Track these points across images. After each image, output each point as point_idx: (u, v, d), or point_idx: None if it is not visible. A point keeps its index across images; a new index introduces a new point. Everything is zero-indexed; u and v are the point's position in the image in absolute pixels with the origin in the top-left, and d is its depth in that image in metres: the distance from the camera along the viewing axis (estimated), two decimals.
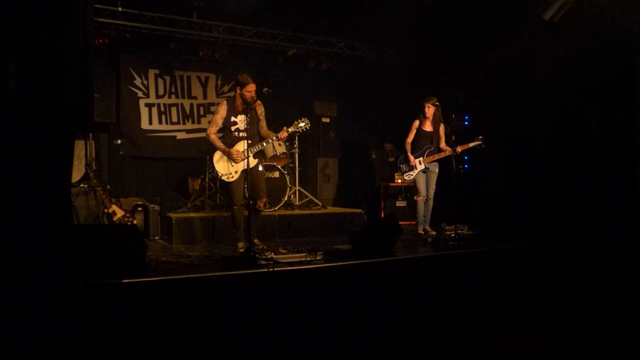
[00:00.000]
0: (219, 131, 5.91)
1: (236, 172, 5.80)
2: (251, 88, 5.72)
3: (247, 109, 5.80)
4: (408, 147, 7.21)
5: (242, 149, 5.76)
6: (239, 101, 5.83)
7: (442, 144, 7.22)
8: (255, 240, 5.95)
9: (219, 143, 5.84)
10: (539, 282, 5.34)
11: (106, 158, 8.46)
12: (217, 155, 5.89)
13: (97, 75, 7.52)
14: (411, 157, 7.11)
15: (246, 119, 5.83)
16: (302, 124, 5.88)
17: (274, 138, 5.87)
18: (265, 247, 5.74)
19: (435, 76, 9.33)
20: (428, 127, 7.21)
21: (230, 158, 5.79)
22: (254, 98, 5.77)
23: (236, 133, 5.82)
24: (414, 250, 6.11)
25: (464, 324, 4.51)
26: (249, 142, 5.72)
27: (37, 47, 2.52)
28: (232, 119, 5.83)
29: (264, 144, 5.91)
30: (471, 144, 7.03)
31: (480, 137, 7.08)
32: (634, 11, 6.31)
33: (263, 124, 6.02)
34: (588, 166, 6.92)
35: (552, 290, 5.17)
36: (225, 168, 5.83)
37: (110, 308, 3.76)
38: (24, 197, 2.34)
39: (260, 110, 6.00)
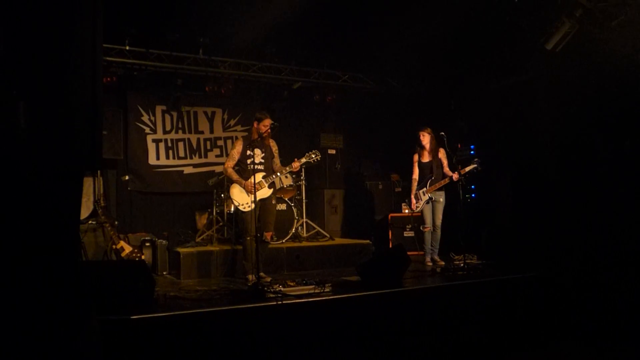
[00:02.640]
0: (235, 165, 6.16)
1: (253, 201, 5.88)
2: (267, 122, 6.08)
3: (263, 144, 6.12)
4: (413, 184, 7.25)
5: (256, 181, 5.92)
6: (255, 135, 6.13)
7: (447, 169, 7.20)
8: (262, 274, 5.95)
9: (235, 176, 6.09)
10: (549, 312, 5.28)
11: (114, 194, 8.53)
12: (235, 186, 6.10)
13: (105, 112, 7.64)
14: (413, 200, 7.18)
15: (261, 153, 6.12)
16: (313, 156, 6.14)
17: (287, 169, 6.15)
18: (271, 279, 5.73)
19: (439, 106, 9.41)
20: (426, 157, 7.24)
21: (245, 189, 5.96)
22: (269, 132, 6.05)
23: (252, 166, 5.97)
24: (423, 280, 6.07)
25: (474, 354, 4.46)
26: (263, 173, 6.05)
27: (47, 87, 2.58)
28: (248, 152, 6.04)
29: (278, 175, 6.15)
30: (467, 168, 7.01)
31: (476, 159, 7.07)
32: (632, 41, 6.38)
33: (277, 160, 6.31)
34: (596, 194, 6.91)
35: (561, 321, 5.11)
36: (242, 198, 6.00)
37: (119, 344, 3.75)
38: (34, 236, 2.37)
39: (275, 147, 6.32)
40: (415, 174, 7.27)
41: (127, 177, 8.49)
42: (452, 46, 8.04)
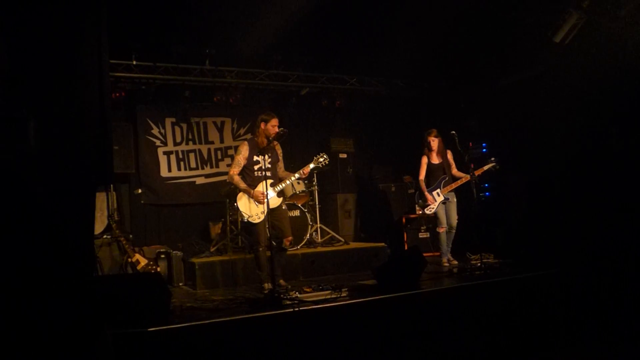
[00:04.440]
0: (240, 172, 5.95)
1: (262, 212, 5.75)
2: (275, 122, 5.84)
3: (269, 147, 5.86)
4: (422, 184, 7.24)
5: (264, 190, 5.74)
6: (262, 138, 5.85)
7: (454, 171, 7.23)
8: (281, 281, 5.93)
9: (242, 184, 5.85)
10: (568, 311, 5.23)
11: (128, 208, 8.59)
12: (242, 196, 5.91)
13: (115, 127, 7.72)
14: (428, 196, 7.14)
15: (269, 158, 5.86)
16: (321, 159, 5.99)
17: (296, 176, 5.94)
18: (290, 286, 5.72)
19: (449, 105, 9.38)
20: (435, 159, 7.25)
21: (254, 199, 5.80)
22: (278, 133, 5.81)
23: (259, 172, 5.83)
24: (440, 281, 6.04)
25: (494, 356, 4.43)
26: (271, 181, 5.79)
27: (56, 106, 2.63)
28: (255, 158, 5.86)
29: (287, 182, 5.96)
30: (485, 167, 7.00)
31: (493, 158, 7.06)
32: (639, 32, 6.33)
33: (281, 164, 6.11)
34: (612, 190, 6.83)
35: (581, 319, 5.06)
36: (251, 209, 5.83)
37: (137, 357, 3.78)
38: (49, 252, 2.40)
39: (280, 151, 6.11)
40: (422, 175, 7.26)
41: (139, 191, 8.56)
42: (459, 44, 8.02)
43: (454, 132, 6.99)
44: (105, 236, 7.61)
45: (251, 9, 6.84)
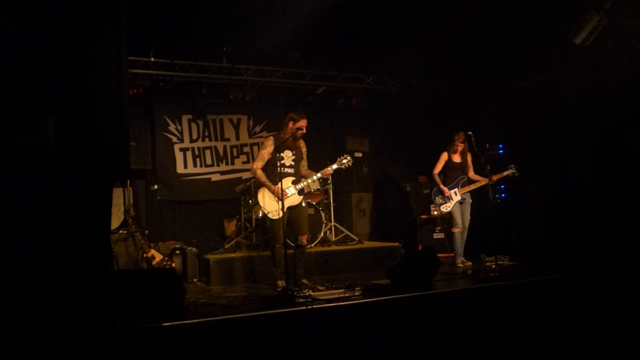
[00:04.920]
0: (263, 167, 6.00)
1: (281, 209, 5.81)
2: (304, 123, 5.92)
3: (294, 145, 5.95)
4: (438, 178, 7.20)
5: (286, 187, 5.82)
6: (289, 137, 5.92)
7: (471, 174, 7.22)
8: (304, 280, 5.94)
9: (265, 179, 5.90)
10: (586, 315, 5.17)
11: (144, 204, 8.67)
12: (263, 192, 5.96)
13: (132, 124, 7.77)
14: (445, 189, 7.10)
15: (292, 155, 5.95)
16: (344, 161, 6.00)
17: (318, 175, 5.97)
18: (312, 285, 5.68)
19: (466, 106, 9.32)
20: (457, 158, 7.23)
21: (275, 195, 5.82)
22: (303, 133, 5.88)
23: (281, 169, 5.86)
24: (455, 283, 6.02)
25: (508, 358, 4.40)
26: (293, 179, 5.87)
27: (75, 101, 2.66)
28: (279, 154, 5.89)
29: (308, 181, 5.99)
30: (505, 173, 7.00)
31: (512, 165, 7.06)
32: None
33: (305, 162, 6.17)
34: (631, 193, 6.74)
35: (599, 323, 5.00)
36: (272, 205, 5.87)
37: (151, 352, 3.81)
38: (65, 247, 2.43)
39: (304, 149, 6.15)
40: (438, 169, 7.24)
41: (155, 187, 8.63)
42: (478, 44, 7.95)
43: (470, 132, 6.97)
44: (121, 231, 7.68)
45: (269, 7, 6.85)
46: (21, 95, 2.41)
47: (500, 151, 8.82)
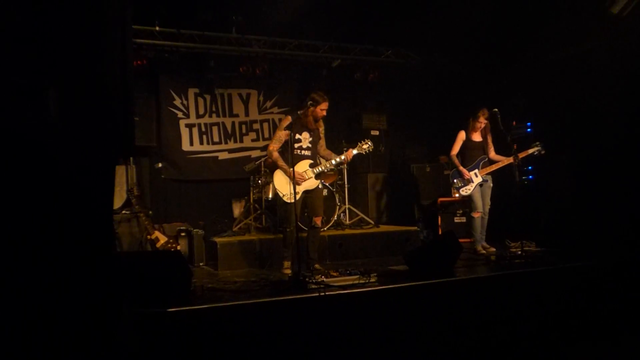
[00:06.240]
0: (280, 148, 6.04)
1: (297, 192, 5.84)
2: (325, 106, 5.96)
3: (314, 125, 6.01)
4: (456, 159, 7.13)
5: (303, 171, 5.88)
6: (309, 118, 5.96)
7: (492, 154, 7.12)
8: (317, 266, 5.99)
9: (281, 162, 5.96)
10: (617, 304, 5.14)
11: (148, 183, 8.71)
12: (279, 173, 6.01)
13: (136, 98, 7.78)
14: (464, 171, 7.03)
15: (309, 137, 6.00)
16: (365, 146, 6.06)
17: (337, 160, 6.02)
18: (325, 270, 5.68)
19: (491, 81, 9.20)
20: (477, 137, 7.13)
21: (298, 179, 5.83)
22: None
23: (298, 151, 5.93)
24: (476, 269, 6.00)
25: (532, 347, 4.39)
26: (310, 162, 5.94)
27: (77, 74, 2.65)
28: (297, 136, 5.92)
29: (326, 166, 6.02)
30: (530, 151, 6.89)
31: (538, 142, 6.93)
32: None
33: (323, 142, 6.22)
34: None
35: (626, 312, 4.97)
36: (287, 188, 5.90)
37: (156, 338, 3.85)
38: (66, 227, 2.44)
39: (322, 128, 6.19)
40: (456, 150, 7.17)
41: (160, 165, 8.65)
42: (505, 15, 7.82)
43: (496, 109, 6.87)
44: (124, 212, 7.74)
45: None
46: (21, 67, 2.41)
47: (529, 129, 8.71)
